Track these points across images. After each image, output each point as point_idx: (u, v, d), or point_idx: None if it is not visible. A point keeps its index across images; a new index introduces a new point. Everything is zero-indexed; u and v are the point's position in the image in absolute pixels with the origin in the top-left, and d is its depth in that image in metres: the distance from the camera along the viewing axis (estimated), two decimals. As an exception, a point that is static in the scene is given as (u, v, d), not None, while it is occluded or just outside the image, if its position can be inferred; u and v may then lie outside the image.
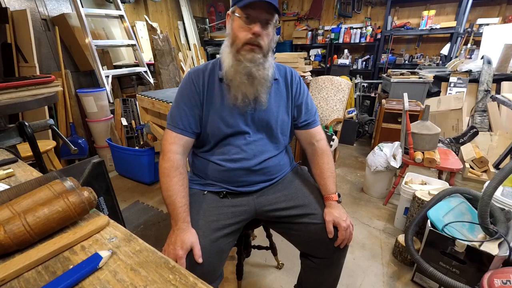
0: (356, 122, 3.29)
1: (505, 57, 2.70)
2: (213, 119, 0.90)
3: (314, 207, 0.92)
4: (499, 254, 1.06)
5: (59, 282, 0.41)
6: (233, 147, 0.91)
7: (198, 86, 0.90)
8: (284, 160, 1.02)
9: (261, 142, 0.93)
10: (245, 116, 0.91)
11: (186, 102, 0.89)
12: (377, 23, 4.23)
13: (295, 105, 0.99)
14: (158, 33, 2.44)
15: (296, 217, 0.91)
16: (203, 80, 0.90)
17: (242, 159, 0.91)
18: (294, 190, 0.97)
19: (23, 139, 1.18)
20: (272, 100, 0.93)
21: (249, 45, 0.82)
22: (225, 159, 0.91)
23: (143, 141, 2.50)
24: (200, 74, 0.91)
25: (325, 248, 0.89)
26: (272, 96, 0.93)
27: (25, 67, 2.24)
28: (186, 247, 0.74)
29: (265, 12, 0.80)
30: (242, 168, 0.91)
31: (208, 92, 0.90)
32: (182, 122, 0.88)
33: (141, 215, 1.95)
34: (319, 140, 1.01)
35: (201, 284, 0.42)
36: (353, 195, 2.21)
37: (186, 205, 0.81)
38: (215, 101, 0.90)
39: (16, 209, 0.51)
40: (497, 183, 1.03)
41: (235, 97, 0.87)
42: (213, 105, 0.90)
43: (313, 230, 0.89)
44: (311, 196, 0.95)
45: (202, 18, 4.67)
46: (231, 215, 0.89)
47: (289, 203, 0.93)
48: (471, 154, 2.23)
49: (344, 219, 0.87)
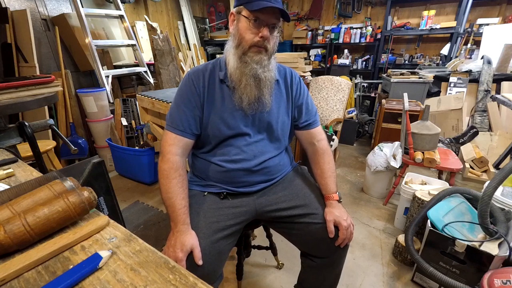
0: (356, 122, 3.29)
1: (505, 57, 2.70)
2: (214, 121, 0.89)
3: (315, 207, 0.92)
4: (499, 254, 1.06)
5: (59, 282, 0.41)
6: (234, 148, 0.91)
7: (198, 87, 0.88)
8: (284, 160, 1.01)
9: (261, 143, 0.93)
10: (247, 118, 0.90)
11: (186, 103, 0.88)
12: (377, 23, 4.23)
13: (295, 106, 0.99)
14: (158, 33, 2.44)
15: (296, 217, 0.91)
16: (203, 81, 0.89)
17: (243, 159, 0.91)
18: (295, 190, 0.97)
19: (23, 139, 1.18)
20: (273, 101, 0.93)
21: (256, 47, 0.82)
22: (225, 159, 0.91)
23: (143, 141, 2.50)
24: (200, 75, 0.90)
25: (326, 248, 0.89)
26: (273, 97, 0.93)
27: (25, 67, 2.24)
28: (186, 249, 0.74)
29: (274, 17, 0.80)
30: (242, 169, 0.91)
31: (208, 93, 0.89)
32: (182, 124, 0.87)
33: (141, 215, 1.95)
34: (320, 140, 1.01)
35: (201, 284, 0.42)
36: (353, 195, 2.21)
37: (186, 207, 0.81)
38: (215, 103, 0.89)
39: (16, 209, 0.51)
40: (497, 183, 1.03)
41: (240, 99, 0.86)
42: (213, 107, 0.89)
43: (313, 229, 0.89)
44: (312, 196, 0.95)
45: (202, 18, 4.67)
46: (231, 216, 0.89)
47: (290, 203, 0.93)
48: (471, 154, 2.23)
49: (344, 219, 0.87)
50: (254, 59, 0.82)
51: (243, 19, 0.80)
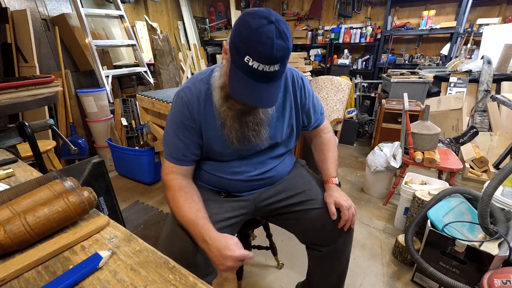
0: (356, 122, 3.29)
1: (505, 57, 2.70)
2: (215, 146, 0.85)
3: (314, 192, 0.91)
4: (499, 254, 1.06)
5: (59, 282, 0.41)
6: (235, 161, 0.90)
7: (194, 114, 0.81)
8: (286, 164, 1.00)
9: (264, 156, 0.92)
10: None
11: (183, 131, 0.82)
12: (377, 23, 4.23)
13: (303, 111, 0.95)
14: (158, 33, 2.44)
15: (295, 205, 0.91)
16: (199, 107, 0.81)
17: (244, 171, 0.90)
18: (293, 180, 0.96)
19: (23, 139, 1.18)
20: (275, 117, 0.87)
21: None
22: (226, 171, 0.90)
23: (143, 141, 2.50)
24: (195, 100, 0.81)
25: (329, 233, 0.87)
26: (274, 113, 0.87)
27: (25, 67, 2.24)
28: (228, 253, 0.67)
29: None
30: (244, 180, 0.90)
31: (206, 119, 0.82)
32: (180, 153, 0.83)
33: (141, 215, 1.95)
34: (327, 132, 1.04)
35: (201, 284, 0.42)
36: (353, 195, 2.21)
37: (204, 218, 0.75)
38: (216, 128, 0.83)
39: (16, 209, 0.51)
40: (497, 183, 1.03)
41: (230, 140, 0.82)
42: (214, 133, 0.84)
43: (314, 215, 0.88)
44: (310, 184, 0.95)
45: (202, 18, 4.67)
46: (230, 208, 0.89)
47: (289, 193, 0.93)
48: (471, 154, 2.23)
49: (345, 199, 0.85)
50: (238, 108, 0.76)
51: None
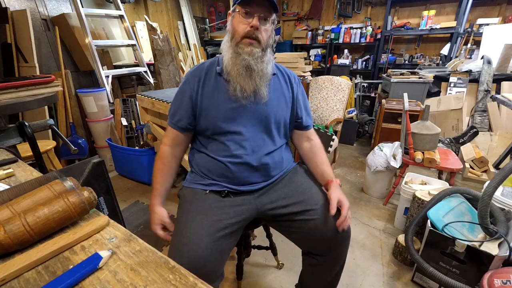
0: (356, 122, 3.29)
1: (505, 57, 2.70)
2: (210, 113, 0.92)
3: (313, 202, 0.93)
4: (499, 254, 1.06)
5: (59, 282, 0.41)
6: (232, 143, 0.92)
7: (193, 81, 0.93)
8: (283, 157, 1.02)
9: (258, 137, 0.95)
10: (243, 110, 0.92)
11: (180, 97, 0.95)
12: (377, 23, 4.23)
13: (298, 104, 1.03)
14: (158, 33, 2.44)
15: (295, 214, 0.92)
16: (199, 76, 0.94)
17: (243, 154, 0.92)
18: (294, 186, 0.98)
19: (23, 139, 1.18)
20: (272, 95, 0.95)
21: (248, 38, 0.85)
22: (226, 155, 0.92)
23: (143, 141, 2.50)
24: (196, 70, 0.95)
25: (326, 244, 0.90)
26: (271, 90, 0.95)
27: (25, 67, 2.24)
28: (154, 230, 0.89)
29: (263, 9, 0.84)
30: (243, 163, 0.92)
31: (203, 86, 0.93)
32: (174, 117, 0.96)
33: (141, 215, 1.95)
34: (315, 137, 1.11)
35: (201, 284, 0.42)
36: (353, 195, 2.21)
37: (157, 190, 0.93)
38: (212, 95, 0.92)
39: (16, 209, 0.50)
40: (497, 183, 1.03)
41: (234, 90, 0.89)
42: (210, 99, 0.92)
43: (313, 226, 0.90)
44: (310, 192, 0.97)
45: (202, 18, 4.67)
46: (233, 214, 0.89)
47: (289, 200, 0.94)
48: (471, 154, 2.23)
49: (346, 200, 0.90)
50: (246, 51, 0.86)
51: (236, 15, 0.86)
